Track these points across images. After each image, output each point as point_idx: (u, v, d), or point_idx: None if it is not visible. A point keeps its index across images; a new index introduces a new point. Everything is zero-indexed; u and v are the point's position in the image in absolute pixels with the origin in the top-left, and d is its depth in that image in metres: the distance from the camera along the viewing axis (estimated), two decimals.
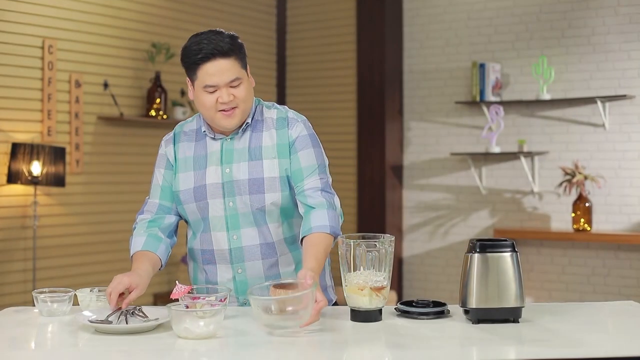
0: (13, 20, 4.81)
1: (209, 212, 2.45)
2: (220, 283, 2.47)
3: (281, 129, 2.48)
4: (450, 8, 6.03)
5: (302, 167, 2.44)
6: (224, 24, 6.24)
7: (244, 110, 2.43)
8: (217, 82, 2.37)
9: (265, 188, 2.42)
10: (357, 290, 2.17)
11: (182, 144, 2.52)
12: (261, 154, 2.45)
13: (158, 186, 2.55)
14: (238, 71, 2.39)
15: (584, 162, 5.44)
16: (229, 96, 2.38)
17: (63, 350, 2.01)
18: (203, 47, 2.35)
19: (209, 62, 2.35)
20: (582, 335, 2.06)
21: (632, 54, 5.33)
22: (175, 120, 5.64)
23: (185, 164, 2.49)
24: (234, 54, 2.38)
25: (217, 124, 2.43)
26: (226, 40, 2.37)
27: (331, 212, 2.38)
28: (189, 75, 2.43)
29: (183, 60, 2.42)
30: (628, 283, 5.35)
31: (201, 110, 2.44)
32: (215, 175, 2.45)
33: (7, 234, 4.79)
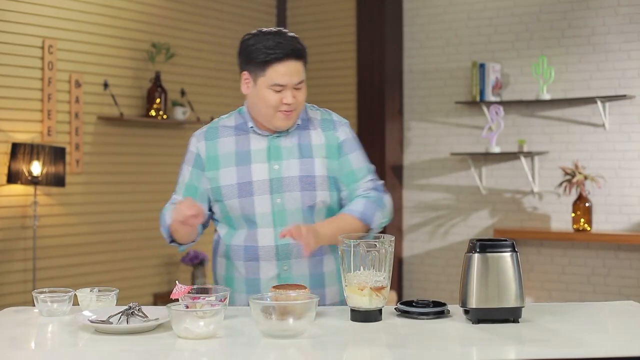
0: (13, 20, 4.81)
1: (254, 208, 2.45)
2: (262, 280, 2.47)
3: (328, 130, 2.53)
4: (450, 8, 6.03)
5: (355, 169, 2.51)
6: (224, 24, 6.24)
7: (299, 112, 2.48)
8: (286, 82, 2.39)
9: (317, 186, 2.46)
10: (357, 290, 2.16)
11: (222, 140, 2.51)
12: (311, 152, 2.48)
13: (183, 184, 2.57)
14: (303, 74, 2.45)
15: (584, 162, 5.44)
16: (293, 98, 2.41)
17: (63, 350, 2.01)
18: (276, 46, 2.37)
19: (282, 62, 2.38)
20: (582, 335, 2.06)
21: (632, 54, 5.33)
22: (175, 120, 5.64)
23: (227, 159, 2.48)
24: (303, 58, 2.44)
25: (273, 123, 2.44)
26: (296, 41, 2.42)
27: (369, 203, 2.46)
28: (252, 70, 2.42)
29: (247, 57, 2.41)
30: (628, 283, 5.35)
31: (260, 108, 2.44)
32: (261, 171, 2.45)
33: (7, 234, 4.79)
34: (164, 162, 5.76)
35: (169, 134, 5.79)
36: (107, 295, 2.36)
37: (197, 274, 5.70)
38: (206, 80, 6.09)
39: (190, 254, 5.68)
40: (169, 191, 6.36)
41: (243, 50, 2.43)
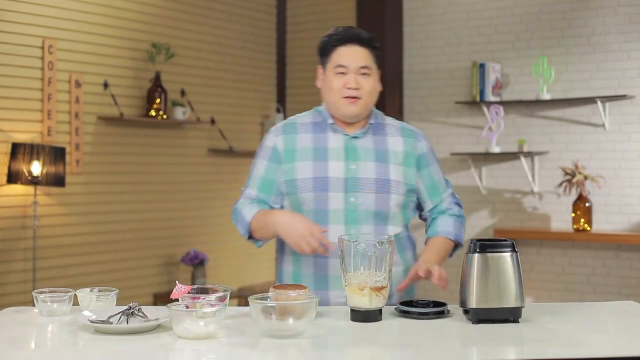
0: (13, 20, 4.81)
1: (328, 204, 2.49)
2: (330, 277, 2.49)
3: (409, 137, 2.60)
4: (450, 8, 6.03)
5: (437, 181, 2.63)
6: (224, 23, 6.24)
7: (366, 104, 2.54)
8: (348, 63, 2.50)
9: (392, 189, 2.52)
10: (357, 290, 2.16)
11: (300, 135, 2.57)
12: (388, 157, 2.54)
13: (259, 177, 2.58)
14: (370, 62, 2.54)
15: (584, 162, 5.44)
16: (356, 83, 2.50)
17: (63, 350, 2.01)
18: (342, 33, 2.52)
19: (345, 45, 2.51)
20: (582, 335, 2.06)
21: (632, 54, 5.33)
22: (175, 120, 5.64)
23: (304, 153, 2.54)
24: (369, 46, 2.55)
25: (340, 110, 2.52)
26: (366, 33, 2.55)
27: (457, 222, 2.60)
28: (322, 60, 2.55)
29: (320, 47, 2.55)
30: (628, 283, 5.35)
31: (327, 95, 2.55)
32: (338, 169, 2.50)
33: (7, 234, 4.79)
34: (164, 162, 5.76)
35: (169, 134, 5.79)
36: (107, 295, 2.36)
37: (197, 274, 5.70)
38: (206, 80, 6.09)
39: (190, 254, 5.68)
40: (169, 191, 6.42)
41: (319, 46, 2.57)
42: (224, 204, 6.25)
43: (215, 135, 6.12)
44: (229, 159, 6.29)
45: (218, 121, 6.11)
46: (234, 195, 6.29)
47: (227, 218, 6.25)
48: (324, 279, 2.50)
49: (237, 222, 2.57)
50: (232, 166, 6.32)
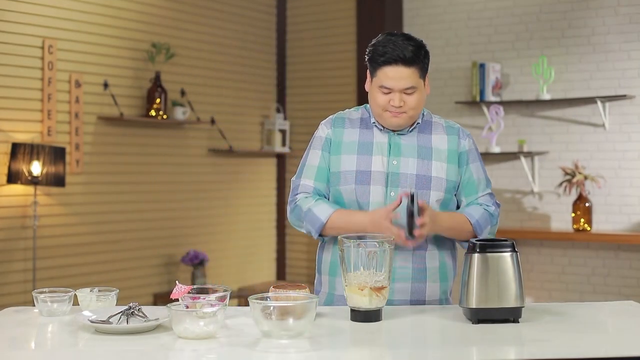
0: (13, 20, 4.81)
1: (370, 197, 2.52)
2: None
3: (452, 135, 2.62)
4: (450, 8, 6.03)
5: (476, 179, 2.61)
6: (224, 23, 6.24)
7: (412, 116, 2.55)
8: (392, 86, 2.49)
9: (432, 186, 2.53)
10: (357, 290, 2.17)
11: (347, 130, 2.61)
12: (431, 154, 2.56)
13: (314, 167, 2.61)
14: (415, 81, 2.50)
15: (584, 162, 5.44)
16: (400, 102, 2.49)
17: (63, 350, 2.01)
18: (388, 50, 2.47)
19: (390, 66, 2.48)
20: (582, 335, 2.06)
21: (632, 54, 5.33)
22: (175, 120, 5.64)
23: (350, 146, 2.58)
24: (416, 63, 2.49)
25: (384, 121, 2.55)
26: (411, 48, 2.48)
27: (485, 215, 2.56)
28: (370, 69, 2.55)
29: (369, 55, 2.54)
30: (628, 283, 5.35)
31: (372, 105, 2.57)
32: (381, 164, 2.54)
33: (7, 234, 4.79)
34: (164, 162, 5.76)
35: (169, 134, 5.79)
36: (107, 295, 2.36)
37: (197, 274, 5.70)
38: (206, 80, 6.09)
39: (190, 254, 5.68)
40: (169, 191, 6.40)
41: (368, 51, 2.56)
42: (224, 204, 6.25)
43: (215, 135, 6.12)
44: (229, 159, 6.29)
45: (218, 121, 6.11)
46: (234, 195, 6.33)
47: (227, 218, 6.29)
48: None
49: (303, 220, 2.56)
50: (232, 166, 6.32)
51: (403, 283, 2.48)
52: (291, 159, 6.76)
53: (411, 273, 2.50)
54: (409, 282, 2.49)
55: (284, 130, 6.62)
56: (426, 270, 2.52)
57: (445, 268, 2.56)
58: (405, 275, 2.48)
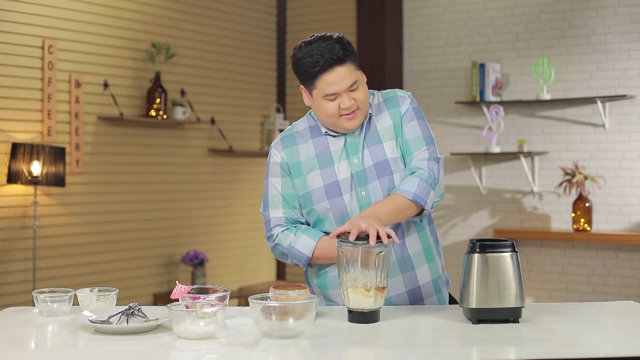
0: (13, 20, 4.81)
1: (346, 206, 2.45)
2: None
3: (392, 108, 2.52)
4: (450, 8, 6.03)
5: (410, 139, 2.47)
6: (224, 23, 6.24)
7: (364, 110, 2.47)
8: (337, 90, 2.39)
9: (392, 169, 2.46)
10: (364, 291, 2.15)
11: (301, 146, 2.52)
12: (379, 137, 2.48)
13: (278, 196, 2.51)
14: (355, 74, 2.42)
15: (584, 162, 5.44)
16: (350, 101, 2.41)
17: (63, 350, 2.01)
18: (317, 58, 2.37)
19: (326, 72, 2.38)
20: (582, 335, 2.06)
21: (632, 54, 5.33)
22: (175, 120, 5.64)
23: (309, 163, 2.49)
24: (348, 58, 2.41)
25: (341, 127, 2.46)
26: (337, 46, 2.39)
27: (422, 183, 2.39)
28: (305, 84, 2.44)
29: (298, 72, 2.43)
30: (628, 283, 5.35)
31: (322, 117, 2.46)
32: (344, 169, 2.47)
33: (7, 234, 4.79)
34: (164, 162, 5.76)
35: (169, 134, 5.79)
36: (107, 295, 2.36)
37: (197, 274, 5.70)
38: (206, 80, 6.09)
39: (190, 254, 5.68)
40: (169, 191, 6.41)
41: (294, 66, 2.46)
42: (224, 204, 6.25)
43: (215, 135, 6.12)
44: (229, 159, 6.29)
45: (218, 121, 6.11)
46: (234, 195, 6.33)
47: (227, 218, 6.29)
48: None
49: (289, 255, 2.49)
50: (232, 166, 6.32)
51: (394, 278, 2.45)
52: None
53: (397, 265, 2.46)
54: (399, 275, 2.46)
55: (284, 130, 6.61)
56: (410, 257, 2.48)
57: (428, 248, 2.51)
58: (394, 270, 2.44)
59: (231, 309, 2.33)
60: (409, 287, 2.49)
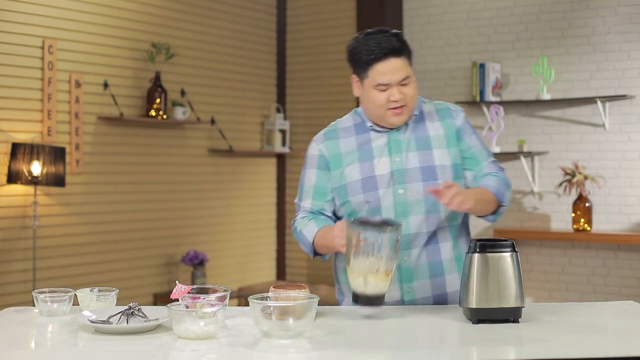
0: (13, 20, 4.81)
1: (380, 202, 2.48)
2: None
3: (445, 118, 2.57)
4: (450, 8, 6.03)
5: (476, 151, 2.57)
6: (224, 23, 6.24)
7: (411, 108, 2.51)
8: (389, 80, 2.44)
9: (438, 175, 2.49)
10: (384, 275, 2.17)
11: (342, 140, 2.56)
12: (430, 144, 2.52)
13: (311, 187, 2.57)
14: (408, 70, 2.48)
15: (584, 162, 5.44)
16: (400, 94, 2.45)
17: (63, 350, 2.01)
18: (374, 47, 2.43)
19: (381, 61, 2.44)
20: (582, 335, 2.06)
21: (632, 54, 5.33)
22: (175, 120, 5.64)
23: (350, 156, 2.53)
24: (404, 52, 2.48)
25: (386, 121, 2.50)
26: (394, 39, 2.46)
27: (500, 181, 2.52)
28: (358, 73, 2.51)
29: (352, 60, 2.50)
30: (628, 283, 5.35)
31: (370, 108, 2.51)
32: (384, 165, 2.49)
33: (7, 234, 4.79)
34: (164, 162, 5.76)
35: (169, 134, 5.79)
36: (107, 295, 2.36)
37: (197, 274, 5.70)
38: (206, 80, 6.09)
39: (190, 254, 5.68)
40: (169, 191, 6.41)
41: (349, 55, 2.52)
42: (224, 204, 6.25)
43: (215, 135, 6.12)
44: (229, 159, 6.29)
45: (218, 121, 6.11)
46: (234, 195, 6.33)
47: (227, 218, 6.29)
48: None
49: (299, 241, 2.56)
50: (232, 166, 6.32)
51: (422, 280, 2.47)
52: (291, 159, 6.76)
53: (428, 269, 2.48)
54: (427, 279, 2.48)
55: (284, 130, 6.62)
56: (442, 262, 2.50)
57: (460, 257, 2.52)
58: (423, 272, 2.47)
59: (231, 309, 2.33)
60: (435, 292, 2.50)
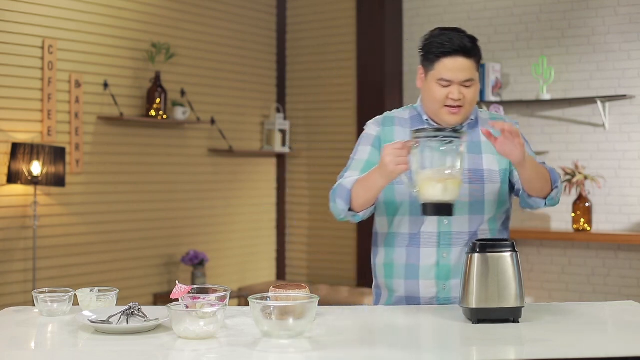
0: (13, 20, 4.81)
1: None
2: (422, 267, 2.51)
3: None
4: (450, 8, 6.03)
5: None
6: (224, 23, 6.24)
7: (468, 111, 2.53)
8: (452, 77, 2.46)
9: (486, 179, 2.52)
10: (459, 180, 2.22)
11: (398, 128, 2.59)
12: (480, 149, 2.55)
13: (362, 161, 2.58)
14: (473, 73, 2.49)
15: (584, 162, 5.44)
16: (459, 94, 2.47)
17: (63, 350, 2.01)
18: (446, 42, 2.45)
19: (450, 57, 2.45)
20: (582, 335, 2.06)
21: (632, 54, 5.33)
22: (175, 120, 5.64)
23: None
24: (474, 55, 2.49)
25: (440, 118, 2.52)
26: (467, 40, 2.48)
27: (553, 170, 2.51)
28: (425, 64, 2.52)
29: (423, 50, 2.51)
30: (628, 283, 5.35)
31: (428, 101, 2.54)
32: None
33: (7, 234, 4.79)
34: (164, 162, 5.76)
35: (169, 134, 5.79)
36: (107, 295, 2.36)
37: (197, 274, 5.70)
38: (206, 80, 6.09)
39: (190, 254, 5.68)
40: (169, 191, 6.41)
41: (421, 46, 2.54)
42: (224, 204, 6.25)
43: (215, 135, 6.12)
44: (229, 159, 6.29)
45: (218, 121, 6.11)
46: (234, 195, 6.33)
47: (227, 218, 6.29)
48: (415, 268, 2.52)
49: (336, 196, 2.51)
50: (232, 166, 6.32)
51: (458, 279, 2.46)
52: (291, 159, 6.76)
53: None
54: None
55: (284, 130, 6.62)
56: None
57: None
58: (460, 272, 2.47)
59: (231, 309, 2.33)
60: None
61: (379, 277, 2.64)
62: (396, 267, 2.56)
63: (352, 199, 2.48)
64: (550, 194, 2.50)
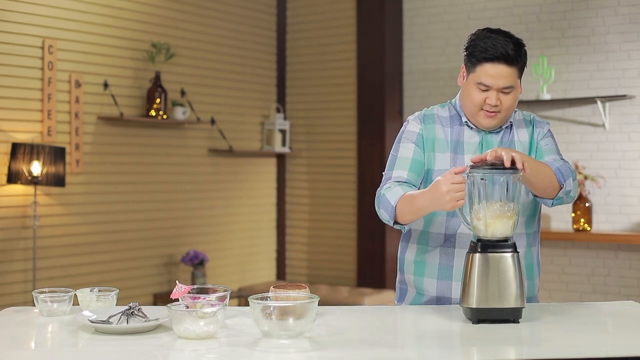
0: (13, 20, 4.81)
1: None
2: (455, 266, 2.50)
3: (530, 127, 2.60)
4: (450, 8, 6.03)
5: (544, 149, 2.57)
6: (224, 23, 6.24)
7: (505, 116, 2.52)
8: (491, 83, 2.45)
9: None
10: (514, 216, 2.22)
11: (438, 126, 2.58)
12: (515, 148, 2.54)
13: (408, 159, 2.55)
14: (514, 80, 2.47)
15: (584, 162, 5.44)
16: (497, 101, 2.46)
17: (63, 350, 2.01)
18: (490, 47, 2.43)
19: (491, 62, 2.44)
20: (582, 335, 2.06)
21: (632, 54, 5.33)
22: (175, 120, 5.64)
23: (443, 144, 2.56)
24: (517, 63, 2.47)
25: (476, 120, 2.53)
26: (513, 47, 2.45)
27: (564, 167, 2.48)
28: (467, 64, 2.51)
29: (467, 49, 2.50)
30: (628, 283, 5.35)
31: (466, 101, 2.53)
32: None
33: (7, 234, 4.79)
34: (164, 162, 5.76)
35: (169, 134, 5.79)
36: (107, 295, 2.36)
37: (197, 274, 5.70)
38: (206, 80, 6.09)
39: (190, 254, 5.68)
40: (169, 191, 6.41)
41: (466, 45, 2.53)
42: (224, 204, 6.25)
43: (215, 135, 6.12)
44: (229, 159, 6.29)
45: (218, 121, 6.11)
46: (234, 195, 6.33)
47: (227, 218, 6.29)
48: (449, 269, 2.51)
49: (380, 206, 2.50)
50: (232, 166, 6.32)
51: None
52: (291, 159, 6.76)
53: None
54: None
55: (284, 130, 6.62)
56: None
57: (531, 265, 2.54)
58: None
59: (231, 309, 2.33)
60: None
61: (406, 273, 2.62)
62: (428, 266, 2.54)
63: (397, 215, 2.45)
64: (558, 194, 2.48)
